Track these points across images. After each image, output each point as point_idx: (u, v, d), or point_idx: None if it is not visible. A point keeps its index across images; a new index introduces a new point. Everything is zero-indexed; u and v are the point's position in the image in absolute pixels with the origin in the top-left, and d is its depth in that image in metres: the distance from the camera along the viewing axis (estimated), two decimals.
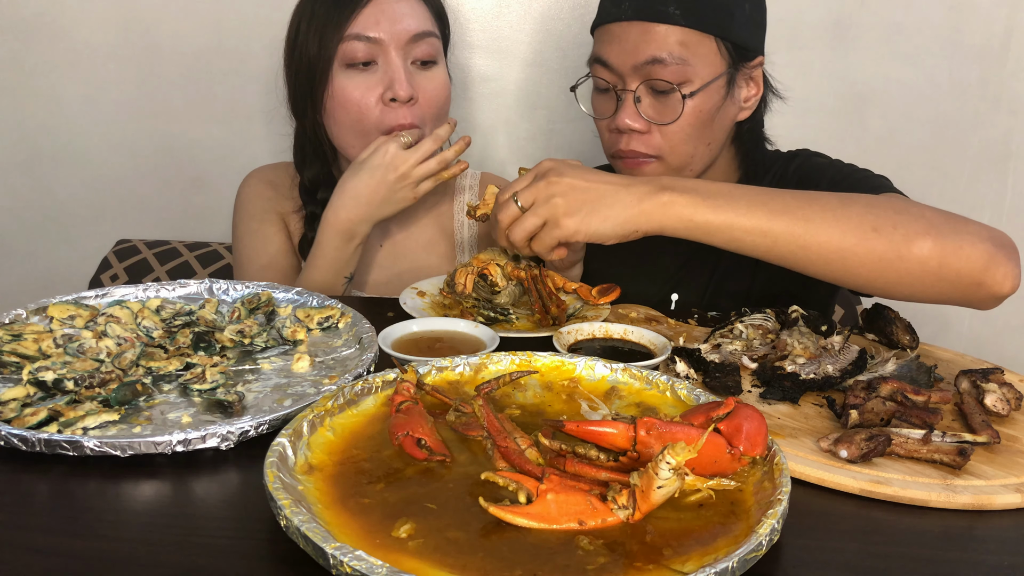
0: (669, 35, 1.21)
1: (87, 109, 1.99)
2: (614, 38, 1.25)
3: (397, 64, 1.36)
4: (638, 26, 1.22)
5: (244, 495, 0.75)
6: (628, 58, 1.23)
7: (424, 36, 1.38)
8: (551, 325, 1.17)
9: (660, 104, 1.25)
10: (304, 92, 1.41)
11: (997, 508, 0.77)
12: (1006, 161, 1.97)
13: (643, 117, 1.25)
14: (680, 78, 1.22)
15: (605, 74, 1.27)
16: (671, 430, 0.69)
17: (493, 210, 1.14)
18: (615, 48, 1.24)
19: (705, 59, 1.23)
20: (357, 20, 1.34)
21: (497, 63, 1.96)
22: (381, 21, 1.35)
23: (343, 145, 1.43)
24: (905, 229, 0.96)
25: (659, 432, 0.69)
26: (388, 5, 1.36)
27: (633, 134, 1.27)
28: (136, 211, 2.07)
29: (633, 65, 1.22)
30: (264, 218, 1.52)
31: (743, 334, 1.11)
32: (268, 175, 1.57)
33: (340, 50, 1.35)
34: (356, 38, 1.34)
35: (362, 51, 1.35)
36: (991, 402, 0.94)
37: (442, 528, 0.65)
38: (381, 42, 1.35)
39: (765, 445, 0.72)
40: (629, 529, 0.65)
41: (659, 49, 1.21)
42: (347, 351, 1.04)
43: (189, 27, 1.93)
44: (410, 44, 1.37)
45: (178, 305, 1.11)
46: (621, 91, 1.26)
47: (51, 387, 0.88)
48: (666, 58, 1.21)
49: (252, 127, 1.98)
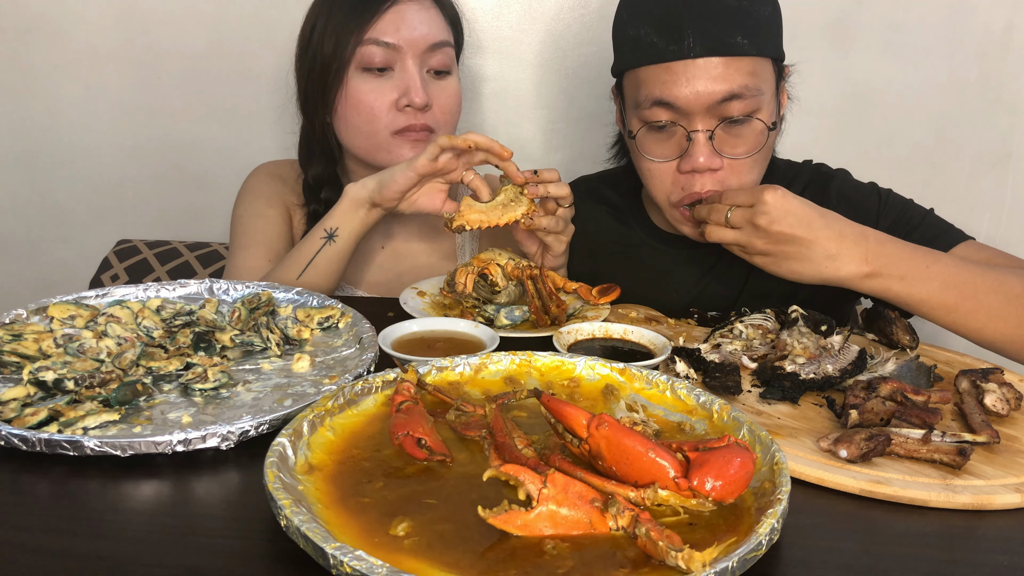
0: (743, 67, 1.16)
1: (87, 109, 1.99)
2: (679, 78, 1.16)
3: (413, 72, 1.37)
4: (712, 62, 1.14)
5: (244, 495, 0.75)
6: (703, 97, 1.15)
7: (441, 46, 1.40)
8: (551, 325, 1.17)
9: (731, 136, 1.20)
10: (316, 91, 1.41)
11: (997, 508, 0.77)
12: (1006, 161, 1.97)
13: (720, 154, 1.19)
14: (754, 108, 1.18)
15: (667, 115, 1.19)
16: (621, 438, 0.68)
17: (707, 201, 1.19)
18: (683, 89, 1.15)
19: (767, 82, 1.20)
20: (376, 25, 1.35)
21: (497, 63, 1.96)
22: (400, 28, 1.35)
23: (352, 146, 1.44)
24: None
25: (607, 432, 0.69)
26: (408, 12, 1.36)
27: (707, 174, 1.20)
28: (136, 211, 2.07)
29: (709, 104, 1.16)
30: (270, 203, 1.52)
31: (743, 334, 1.11)
32: (276, 169, 1.58)
33: (358, 53, 1.36)
34: (374, 43, 1.35)
35: (379, 56, 1.36)
36: (991, 402, 0.94)
37: (438, 526, 0.65)
38: (399, 48, 1.36)
39: (735, 494, 0.67)
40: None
41: (737, 84, 1.15)
42: (347, 351, 1.04)
43: (189, 27, 1.93)
44: (427, 53, 1.38)
45: (178, 305, 1.11)
46: (692, 132, 1.18)
47: (51, 387, 0.88)
48: (743, 92, 1.16)
49: (252, 127, 1.98)
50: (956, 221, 1.29)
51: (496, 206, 1.23)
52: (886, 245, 1.11)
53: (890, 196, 1.35)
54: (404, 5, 1.37)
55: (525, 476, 0.65)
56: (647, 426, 0.81)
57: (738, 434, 0.79)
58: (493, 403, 0.80)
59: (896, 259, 1.10)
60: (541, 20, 1.93)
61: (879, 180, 1.35)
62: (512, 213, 1.21)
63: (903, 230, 1.26)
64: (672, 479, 0.67)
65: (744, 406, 0.94)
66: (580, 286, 1.24)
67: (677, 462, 0.67)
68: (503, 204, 1.23)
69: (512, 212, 1.21)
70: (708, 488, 0.66)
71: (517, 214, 1.21)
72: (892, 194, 1.35)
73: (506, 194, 1.23)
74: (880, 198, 1.33)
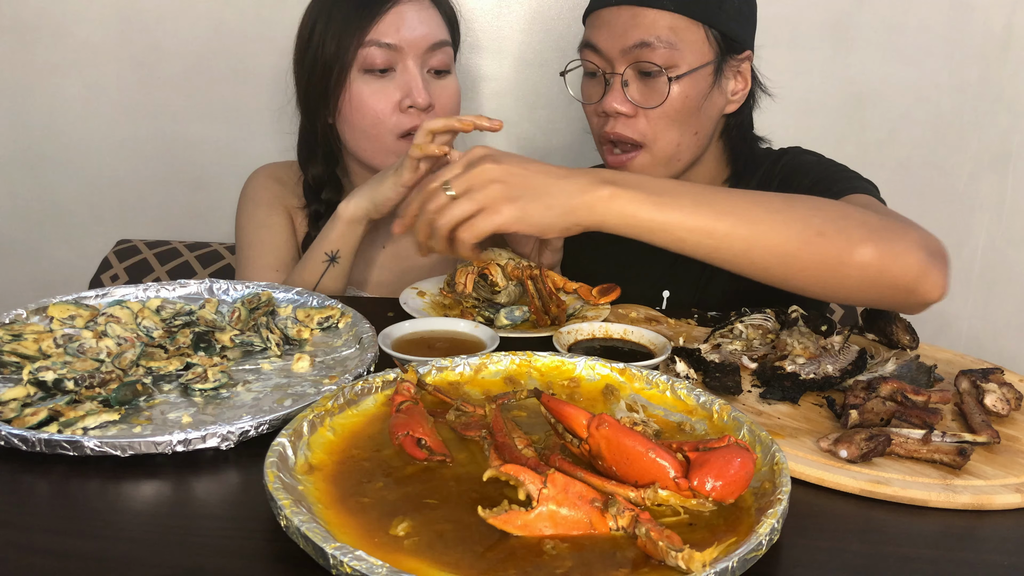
0: (658, 20, 1.23)
1: (87, 109, 1.99)
2: (604, 23, 1.28)
3: (415, 72, 1.37)
4: (628, 11, 1.25)
5: (244, 495, 0.75)
6: (617, 42, 1.25)
7: (441, 45, 1.40)
8: (551, 325, 1.17)
9: (647, 88, 1.27)
10: (318, 93, 1.41)
11: (997, 508, 0.77)
12: (1006, 161, 1.97)
13: (630, 100, 1.27)
14: (667, 62, 1.24)
15: (594, 59, 1.30)
16: (621, 438, 0.68)
17: (415, 198, 1.04)
18: (604, 33, 1.27)
19: (693, 46, 1.25)
20: (377, 27, 1.35)
21: (497, 63, 1.96)
22: (401, 28, 1.35)
23: (355, 148, 1.44)
24: (849, 234, 0.95)
25: (607, 432, 0.69)
26: (407, 13, 1.36)
27: (620, 118, 1.28)
28: (136, 211, 2.07)
29: (621, 49, 1.25)
30: (272, 209, 1.52)
31: (743, 334, 1.11)
32: (275, 171, 1.58)
33: (359, 56, 1.36)
34: (376, 44, 1.35)
35: (381, 58, 1.36)
36: (991, 402, 0.94)
37: (438, 526, 0.65)
38: (400, 49, 1.36)
39: (735, 494, 0.67)
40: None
41: (647, 33, 1.23)
42: (347, 351, 1.04)
43: (189, 27, 1.93)
44: (427, 53, 1.39)
45: (178, 305, 1.11)
46: (609, 75, 1.28)
47: (51, 387, 0.88)
48: (654, 41, 1.23)
49: (252, 126, 1.98)
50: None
51: None
52: (624, 173, 1.02)
53: (808, 155, 1.38)
54: (403, 6, 1.37)
55: (525, 476, 0.65)
56: (647, 426, 0.81)
57: (738, 434, 0.79)
58: (493, 403, 0.80)
59: (632, 177, 0.99)
60: (541, 20, 1.93)
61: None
62: None
63: (796, 179, 1.30)
64: (672, 479, 0.67)
65: (744, 406, 0.94)
66: (580, 286, 1.23)
67: (677, 462, 0.67)
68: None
69: None
70: (708, 488, 0.66)
71: None
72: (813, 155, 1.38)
73: None
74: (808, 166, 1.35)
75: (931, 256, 0.97)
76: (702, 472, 0.66)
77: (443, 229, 0.97)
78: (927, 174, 1.98)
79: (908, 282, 0.96)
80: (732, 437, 0.71)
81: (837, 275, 0.96)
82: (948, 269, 0.98)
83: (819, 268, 0.95)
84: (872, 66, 1.92)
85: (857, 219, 0.98)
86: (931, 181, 1.98)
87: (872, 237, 0.95)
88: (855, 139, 1.96)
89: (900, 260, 0.95)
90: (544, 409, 0.75)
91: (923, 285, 0.96)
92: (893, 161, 1.98)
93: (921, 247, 0.97)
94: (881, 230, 0.97)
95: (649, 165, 1.32)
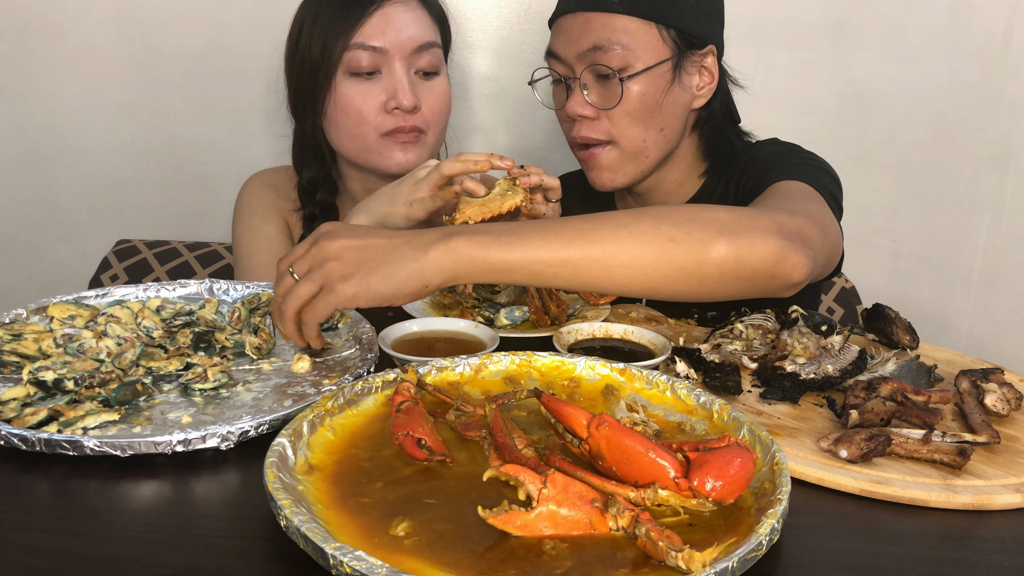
0: (609, 22, 1.27)
1: (87, 109, 1.99)
2: (562, 30, 1.32)
3: (400, 74, 1.37)
4: (581, 16, 1.29)
5: (244, 495, 0.75)
6: (573, 47, 1.29)
7: (428, 47, 1.39)
8: (551, 325, 1.17)
9: (605, 90, 1.30)
10: (305, 95, 1.41)
11: (997, 508, 0.77)
12: (1006, 161, 1.97)
13: (589, 103, 1.31)
14: (621, 64, 1.27)
15: (556, 66, 1.34)
16: (621, 438, 0.68)
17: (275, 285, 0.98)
18: (562, 40, 1.31)
19: (647, 45, 1.28)
20: (362, 29, 1.35)
21: (497, 63, 1.96)
22: (387, 31, 1.35)
23: (342, 149, 1.44)
24: (700, 235, 0.95)
25: (607, 432, 0.69)
26: (394, 14, 1.36)
27: (584, 121, 1.32)
28: (136, 211, 2.07)
29: (577, 53, 1.29)
30: (266, 217, 1.52)
31: (743, 334, 1.11)
32: (268, 178, 1.58)
33: (344, 58, 1.35)
34: (361, 47, 1.35)
35: (367, 60, 1.35)
36: (991, 402, 0.94)
37: (438, 526, 0.65)
38: (386, 52, 1.36)
39: (735, 494, 0.67)
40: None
41: (599, 36, 1.27)
42: (347, 351, 1.04)
43: (189, 27, 1.93)
44: (414, 54, 1.38)
45: (178, 305, 1.11)
46: (570, 80, 1.32)
47: (51, 387, 0.88)
48: (606, 44, 1.26)
49: (252, 127, 1.98)
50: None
51: (494, 198, 1.23)
52: (468, 226, 0.99)
53: (771, 146, 1.38)
54: (390, 7, 1.36)
55: (525, 476, 0.65)
56: (647, 426, 0.81)
57: (738, 434, 0.79)
58: (493, 403, 0.80)
59: (476, 226, 0.96)
60: (540, 20, 1.93)
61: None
62: (511, 200, 1.21)
63: (750, 170, 1.32)
64: (672, 479, 0.66)
65: (744, 406, 0.94)
66: None
67: (677, 462, 0.67)
68: (500, 195, 1.23)
69: (511, 199, 1.21)
70: (708, 488, 0.66)
71: (516, 200, 1.21)
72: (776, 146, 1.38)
73: (500, 187, 1.24)
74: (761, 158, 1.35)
75: (786, 239, 0.97)
76: (702, 472, 0.66)
77: (288, 312, 0.93)
78: (927, 174, 1.98)
79: (767, 268, 0.96)
80: (732, 437, 0.71)
81: (698, 276, 0.96)
82: (810, 248, 0.99)
83: (679, 273, 0.95)
84: (872, 66, 1.92)
85: (705, 219, 0.98)
86: (931, 181, 1.98)
87: (723, 233, 0.95)
88: (855, 139, 1.96)
89: (755, 250, 0.95)
90: (544, 409, 0.75)
91: (783, 269, 0.96)
92: (893, 161, 1.98)
93: (773, 232, 0.96)
94: (731, 224, 0.97)
95: (617, 159, 1.34)
